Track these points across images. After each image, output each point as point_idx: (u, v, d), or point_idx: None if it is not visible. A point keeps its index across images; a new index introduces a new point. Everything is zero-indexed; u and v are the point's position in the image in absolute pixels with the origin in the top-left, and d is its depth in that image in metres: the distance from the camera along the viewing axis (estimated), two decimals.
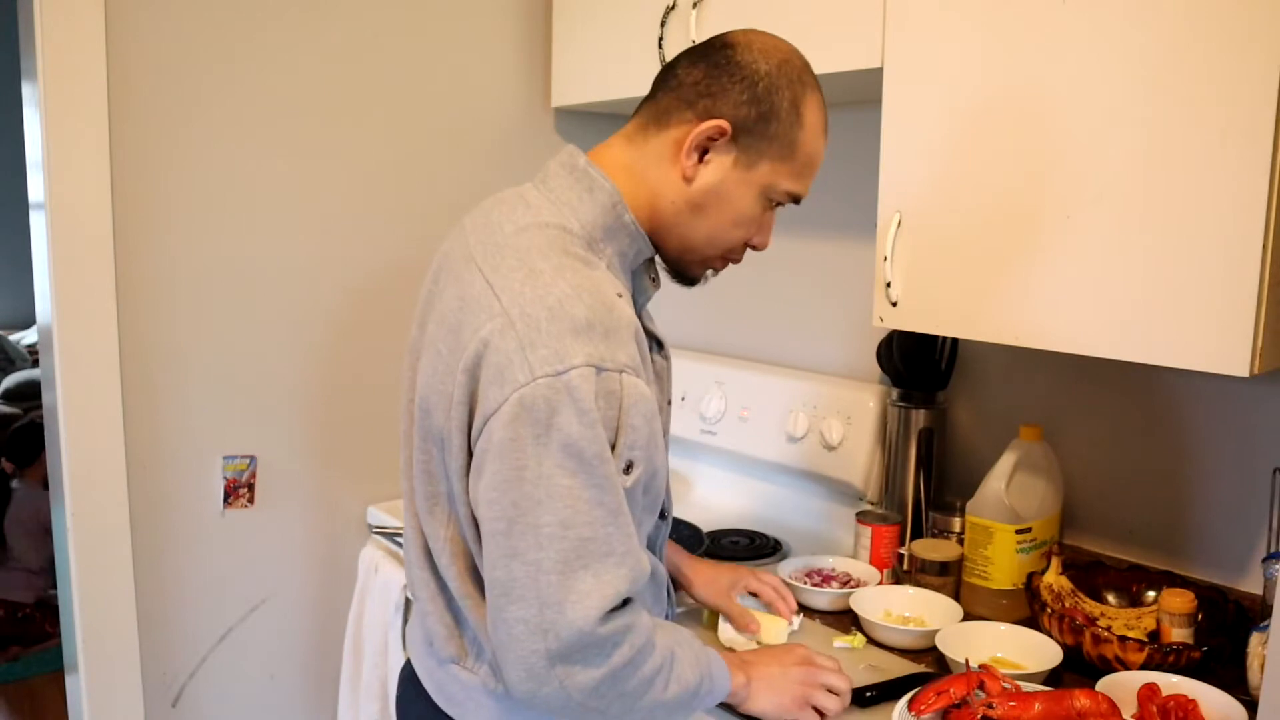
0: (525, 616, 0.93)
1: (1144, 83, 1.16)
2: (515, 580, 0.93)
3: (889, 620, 1.46)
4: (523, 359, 0.92)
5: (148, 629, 1.77)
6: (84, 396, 1.65)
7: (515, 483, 0.92)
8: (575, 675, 0.94)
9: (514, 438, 0.92)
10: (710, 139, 1.04)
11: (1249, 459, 1.43)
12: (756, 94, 1.03)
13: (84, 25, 1.58)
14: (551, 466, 0.91)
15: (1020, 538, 1.52)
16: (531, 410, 0.91)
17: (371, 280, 1.95)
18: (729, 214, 1.08)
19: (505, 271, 0.98)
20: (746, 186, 1.07)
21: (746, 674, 1.15)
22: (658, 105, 1.07)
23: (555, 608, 0.92)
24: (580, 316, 0.94)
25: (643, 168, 1.07)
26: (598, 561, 0.93)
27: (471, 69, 2.04)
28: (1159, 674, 1.20)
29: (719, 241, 1.10)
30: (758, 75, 1.04)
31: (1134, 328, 1.20)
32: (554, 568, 0.92)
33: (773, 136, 1.05)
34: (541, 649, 0.93)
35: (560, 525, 0.92)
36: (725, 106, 1.03)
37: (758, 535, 1.87)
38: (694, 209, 1.07)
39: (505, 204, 1.09)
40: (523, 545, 0.92)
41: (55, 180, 1.59)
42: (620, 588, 0.94)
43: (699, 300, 2.21)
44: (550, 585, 0.92)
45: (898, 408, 1.74)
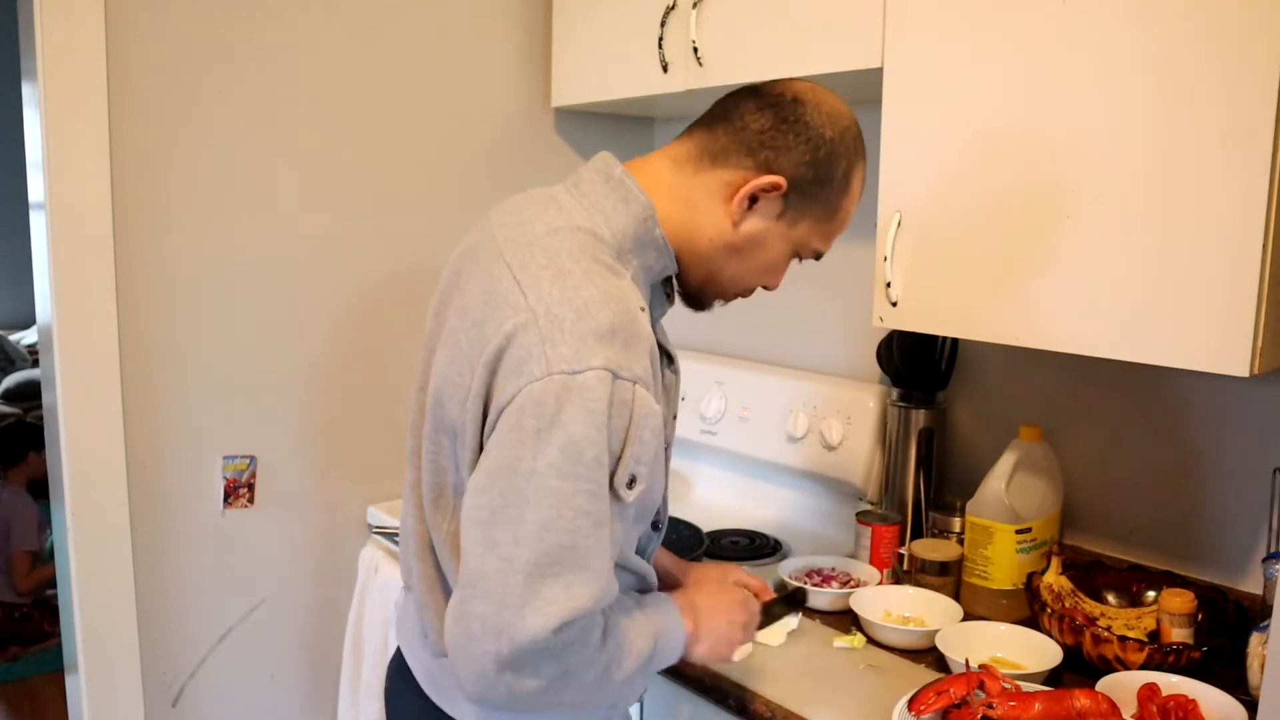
0: (484, 614, 0.91)
1: (1144, 83, 1.16)
2: (485, 573, 0.91)
3: (889, 620, 1.46)
4: (541, 354, 0.92)
5: (148, 629, 1.76)
6: (84, 396, 1.65)
7: (507, 474, 0.91)
8: (525, 682, 0.92)
9: (516, 427, 0.91)
10: (764, 190, 1.05)
11: (1249, 459, 1.43)
12: (818, 158, 1.05)
13: (84, 25, 1.58)
14: (546, 464, 0.90)
15: (1020, 538, 1.52)
16: (540, 404, 0.90)
17: (372, 280, 1.95)
18: (760, 261, 1.10)
19: (534, 270, 0.98)
20: (784, 240, 1.09)
21: (694, 620, 1.11)
22: (716, 141, 1.07)
23: (515, 610, 0.90)
24: (605, 322, 0.93)
25: (688, 195, 1.07)
26: (570, 572, 0.91)
27: (471, 69, 2.04)
28: (1159, 674, 1.20)
29: (741, 282, 1.13)
30: (822, 140, 1.05)
31: (1134, 328, 1.20)
32: (524, 569, 0.90)
33: (821, 200, 1.07)
34: (493, 651, 0.90)
35: (542, 526, 0.90)
36: (786, 163, 1.05)
37: (758, 535, 1.87)
38: (731, 250, 1.08)
39: (536, 204, 1.08)
40: (500, 538, 0.91)
41: (55, 180, 1.59)
42: (586, 603, 0.92)
43: None
44: (516, 586, 0.90)
45: (898, 408, 1.74)
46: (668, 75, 1.75)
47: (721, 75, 1.68)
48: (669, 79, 1.75)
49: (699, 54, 1.69)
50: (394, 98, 1.94)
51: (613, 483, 0.94)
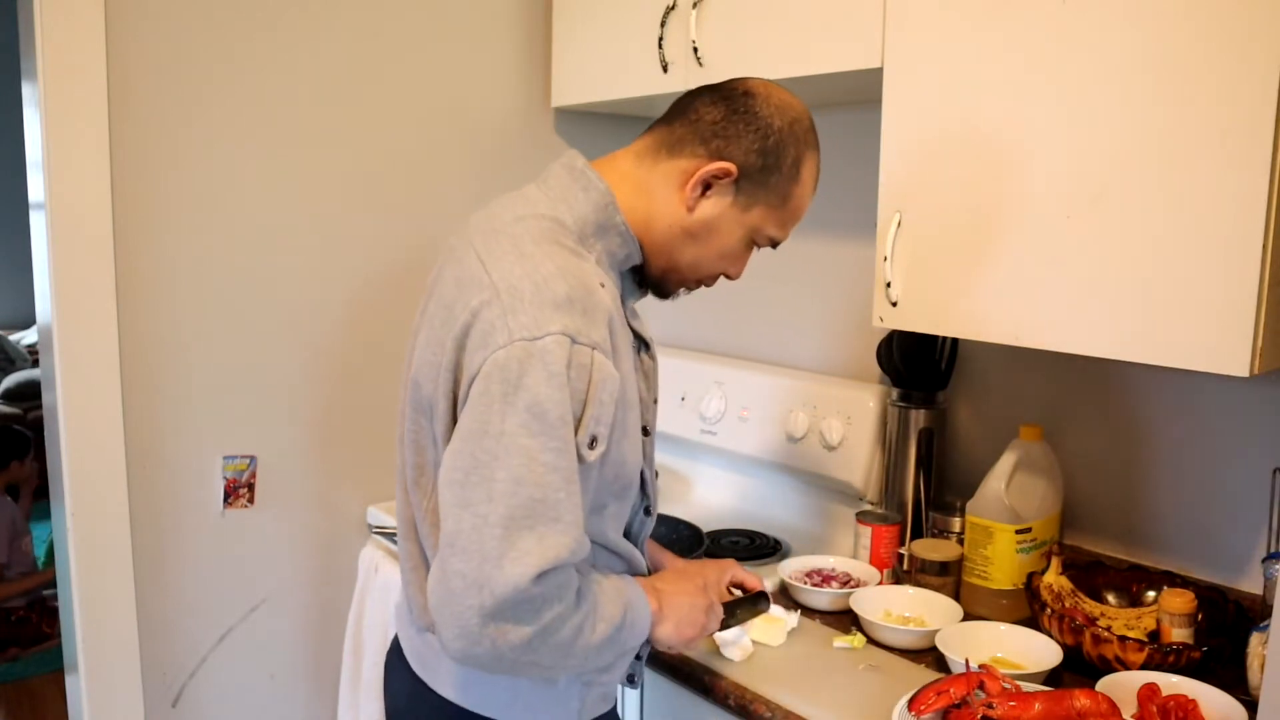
0: (464, 570, 0.95)
1: (1144, 82, 1.16)
2: (461, 532, 0.96)
3: (889, 620, 1.46)
4: (504, 324, 0.98)
5: (148, 629, 1.77)
6: (84, 396, 1.65)
7: (478, 436, 0.96)
8: (507, 633, 0.96)
9: (484, 392, 0.97)
10: (715, 177, 1.11)
11: (1249, 459, 1.43)
12: (766, 146, 1.12)
13: (84, 25, 1.58)
14: (514, 425, 0.95)
15: (1020, 538, 1.52)
16: (504, 369, 0.96)
17: (371, 280, 1.95)
18: (716, 246, 1.16)
19: (498, 254, 1.05)
20: (737, 225, 1.15)
21: (659, 600, 1.16)
22: (673, 133, 1.14)
23: (494, 562, 0.94)
24: (562, 292, 1.00)
25: (648, 186, 1.14)
26: (544, 524, 0.95)
27: (471, 69, 2.04)
28: (1159, 674, 1.20)
29: (701, 268, 1.19)
30: (770, 129, 1.12)
31: (1134, 328, 1.20)
32: (499, 522, 0.94)
33: (771, 187, 1.14)
34: (475, 604, 0.94)
35: (514, 482, 0.95)
36: (736, 151, 1.11)
37: (758, 535, 1.87)
38: (687, 236, 1.15)
39: (506, 200, 1.16)
40: (475, 497, 0.95)
41: (55, 180, 1.59)
42: (561, 554, 0.96)
43: (699, 300, 2.20)
44: (493, 539, 0.94)
45: (898, 408, 1.74)
46: (668, 75, 1.76)
47: (721, 75, 1.66)
48: (669, 79, 1.75)
49: (699, 54, 1.69)
50: (394, 98, 1.94)
51: (579, 443, 0.99)
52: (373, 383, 1.97)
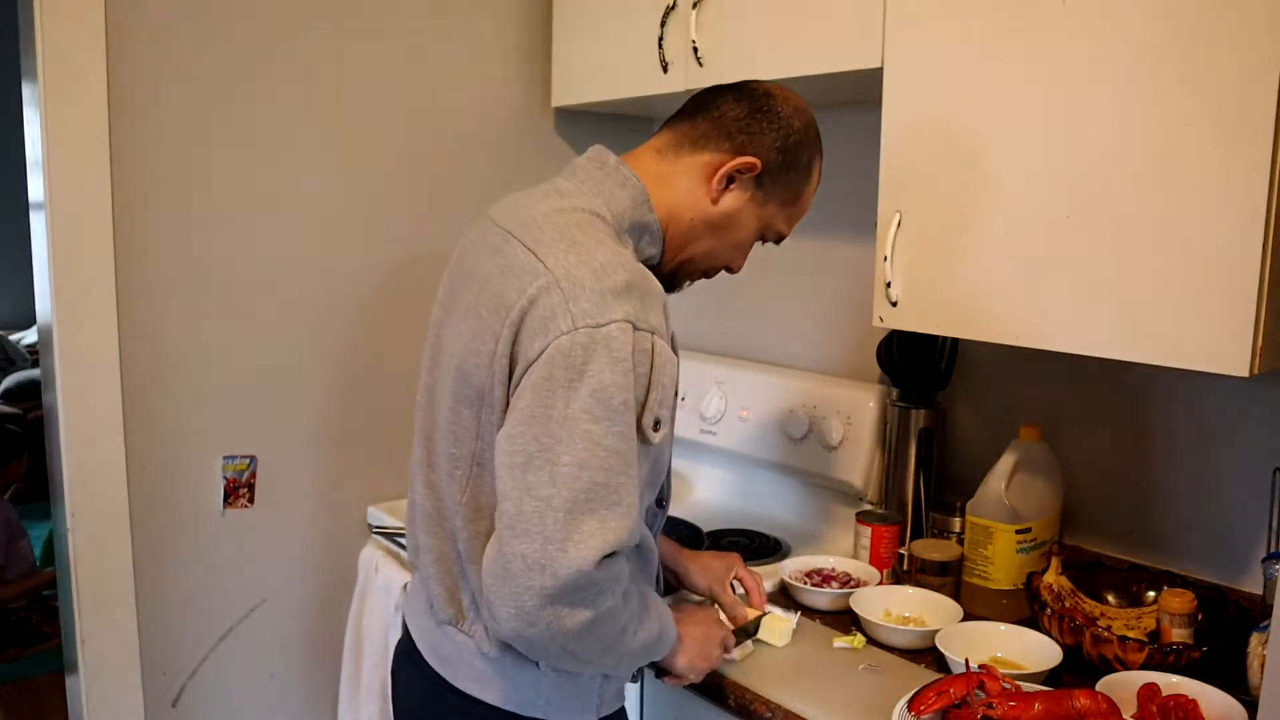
0: (526, 552, 0.96)
1: (1144, 82, 1.16)
2: (523, 514, 0.96)
3: (889, 620, 1.46)
4: (566, 311, 0.99)
5: (148, 629, 1.76)
6: (84, 396, 1.65)
7: (541, 420, 0.98)
8: (564, 618, 0.97)
9: (548, 377, 0.98)
10: (740, 171, 1.16)
11: (1249, 459, 1.43)
12: (787, 145, 1.17)
13: (84, 25, 1.58)
14: (578, 410, 0.97)
15: (1020, 538, 1.52)
16: (569, 355, 0.98)
17: (372, 280, 1.95)
18: (732, 238, 1.21)
19: (547, 243, 1.06)
20: (753, 219, 1.20)
21: (679, 630, 1.20)
22: (695, 128, 1.17)
23: (558, 545, 0.95)
24: (621, 279, 1.02)
25: (671, 179, 1.17)
26: (605, 508, 0.97)
27: (472, 69, 2.04)
28: (1159, 674, 1.20)
29: (714, 259, 1.23)
30: (791, 129, 1.18)
31: (1134, 328, 1.20)
32: (563, 506, 0.96)
33: (787, 184, 1.19)
34: (536, 586, 0.95)
35: (577, 466, 0.96)
36: (760, 147, 1.16)
37: (758, 535, 1.87)
38: (708, 227, 1.18)
39: (535, 194, 1.17)
40: (537, 481, 0.96)
41: (55, 180, 1.59)
42: (621, 536, 0.98)
43: (699, 300, 2.21)
44: (557, 523, 0.95)
45: (898, 408, 1.74)
46: (668, 75, 1.75)
47: (721, 75, 1.68)
48: (669, 79, 1.75)
49: (699, 54, 1.69)
50: (394, 98, 1.94)
51: (640, 426, 1.01)
52: (373, 383, 1.97)
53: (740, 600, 1.42)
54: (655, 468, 1.11)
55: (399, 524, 1.90)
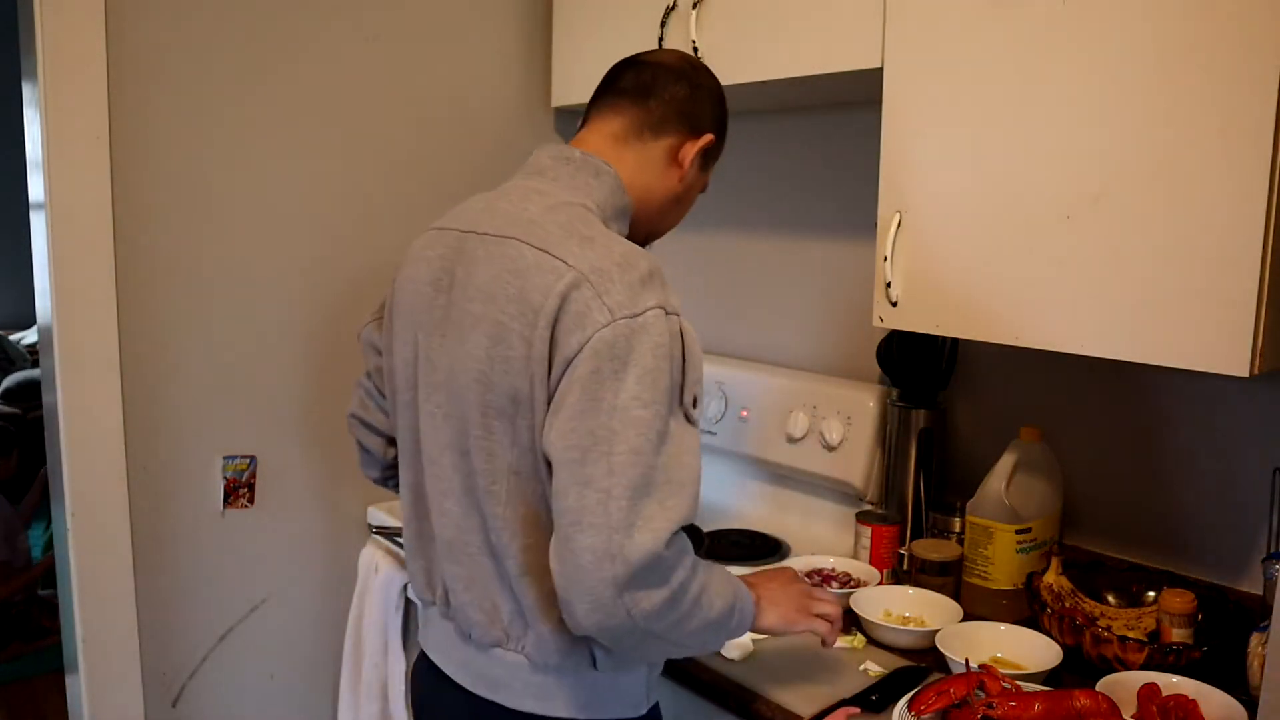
0: (593, 545, 0.96)
1: (1144, 82, 1.16)
2: (586, 508, 0.97)
3: (889, 620, 1.46)
4: (600, 304, 1.00)
5: (148, 629, 1.76)
6: (84, 396, 1.65)
7: (592, 414, 0.98)
8: (640, 601, 0.97)
9: (594, 371, 0.99)
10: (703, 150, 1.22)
11: (1249, 459, 1.43)
12: (721, 112, 1.25)
13: (84, 25, 1.58)
14: (628, 398, 0.98)
15: (1020, 538, 1.52)
16: (612, 347, 0.99)
17: (371, 280, 1.94)
18: (688, 204, 1.28)
19: (556, 241, 1.06)
20: (698, 182, 1.27)
21: (755, 592, 1.19)
22: (651, 114, 1.20)
23: (624, 532, 0.96)
24: (644, 269, 1.04)
25: (640, 166, 1.20)
26: (661, 489, 0.99)
27: (472, 69, 2.04)
28: (1159, 674, 1.20)
29: (672, 225, 1.30)
30: (718, 95, 1.25)
31: (1134, 328, 1.20)
32: (624, 494, 0.97)
33: (722, 143, 1.27)
34: (609, 576, 0.96)
35: (632, 453, 0.97)
36: (708, 122, 1.22)
37: (758, 535, 1.87)
38: (675, 202, 1.25)
39: (509, 196, 1.15)
40: (595, 473, 0.97)
41: (55, 180, 1.59)
42: (683, 512, 1.00)
43: (699, 300, 2.21)
44: (620, 511, 0.96)
45: (898, 408, 1.74)
46: None
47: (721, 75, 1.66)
48: None
49: (699, 54, 1.69)
50: (395, 98, 1.94)
51: (683, 405, 1.04)
52: None
53: None
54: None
55: (399, 524, 1.90)
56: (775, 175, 2.03)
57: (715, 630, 1.09)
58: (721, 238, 2.14)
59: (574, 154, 1.16)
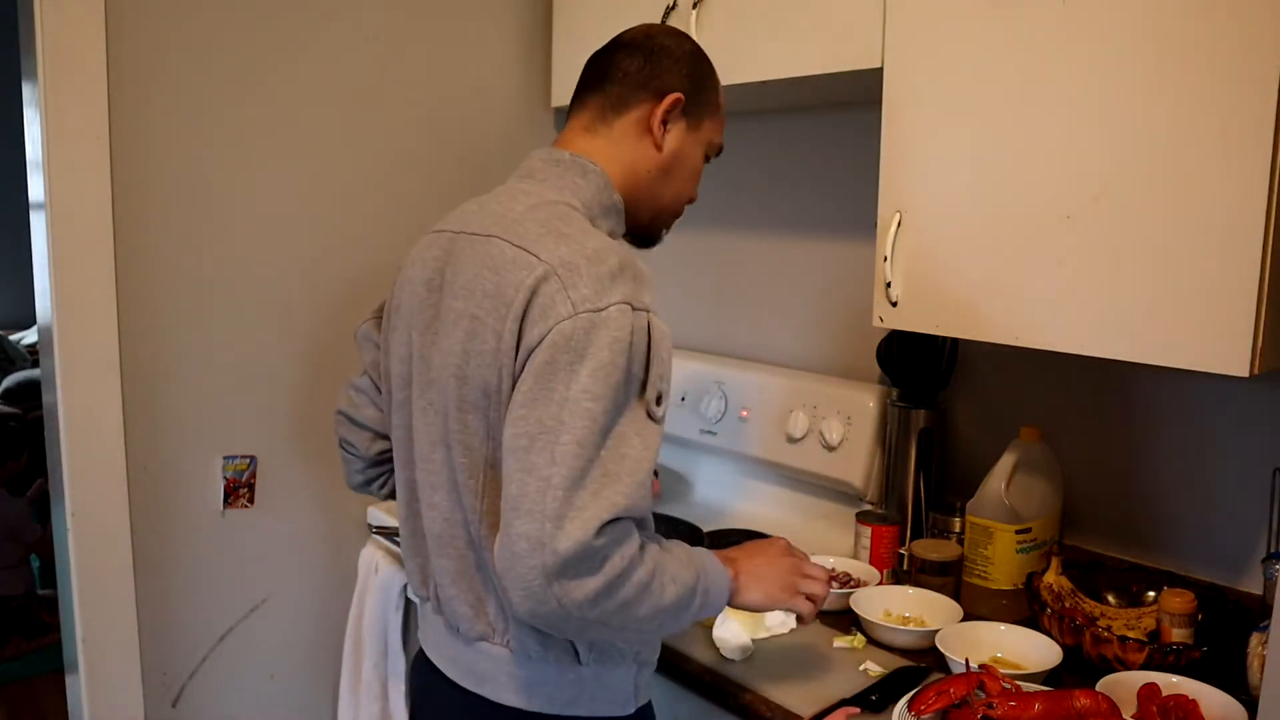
0: (528, 532, 0.97)
1: (1144, 82, 1.16)
2: (526, 494, 0.98)
3: (889, 620, 1.46)
4: (565, 297, 1.01)
5: (148, 629, 1.76)
6: (84, 396, 1.65)
7: (544, 403, 0.99)
8: (570, 591, 0.97)
9: (549, 361, 1.00)
10: (669, 110, 1.20)
11: (1249, 459, 1.43)
12: (690, 69, 1.22)
13: (84, 25, 1.59)
14: (578, 390, 0.99)
15: (1020, 538, 1.52)
16: (570, 339, 1.00)
17: (371, 280, 1.94)
18: (688, 170, 1.25)
19: (533, 238, 1.07)
20: (696, 145, 1.25)
21: (735, 568, 1.18)
22: (608, 96, 1.21)
23: (555, 522, 0.96)
24: (614, 263, 1.04)
25: (613, 149, 1.20)
26: (596, 482, 0.98)
27: (472, 69, 2.04)
28: (1159, 674, 1.20)
29: (680, 197, 1.27)
30: (686, 54, 1.23)
31: (1134, 328, 1.20)
32: (562, 483, 0.97)
33: (706, 100, 1.24)
34: (538, 565, 0.96)
35: (576, 444, 0.98)
36: (674, 82, 1.20)
37: (758, 535, 1.86)
38: (664, 172, 1.23)
39: (499, 199, 1.17)
40: (539, 461, 0.98)
41: (55, 180, 1.59)
42: (619, 503, 0.99)
43: (699, 300, 2.21)
44: (555, 501, 0.97)
45: (898, 408, 1.74)
46: None
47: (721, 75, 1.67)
48: None
49: None
50: (394, 98, 1.94)
51: (644, 401, 1.03)
52: None
53: None
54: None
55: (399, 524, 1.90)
56: (775, 175, 2.03)
57: (673, 614, 1.08)
58: (721, 238, 2.14)
59: (563, 155, 1.18)
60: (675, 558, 1.08)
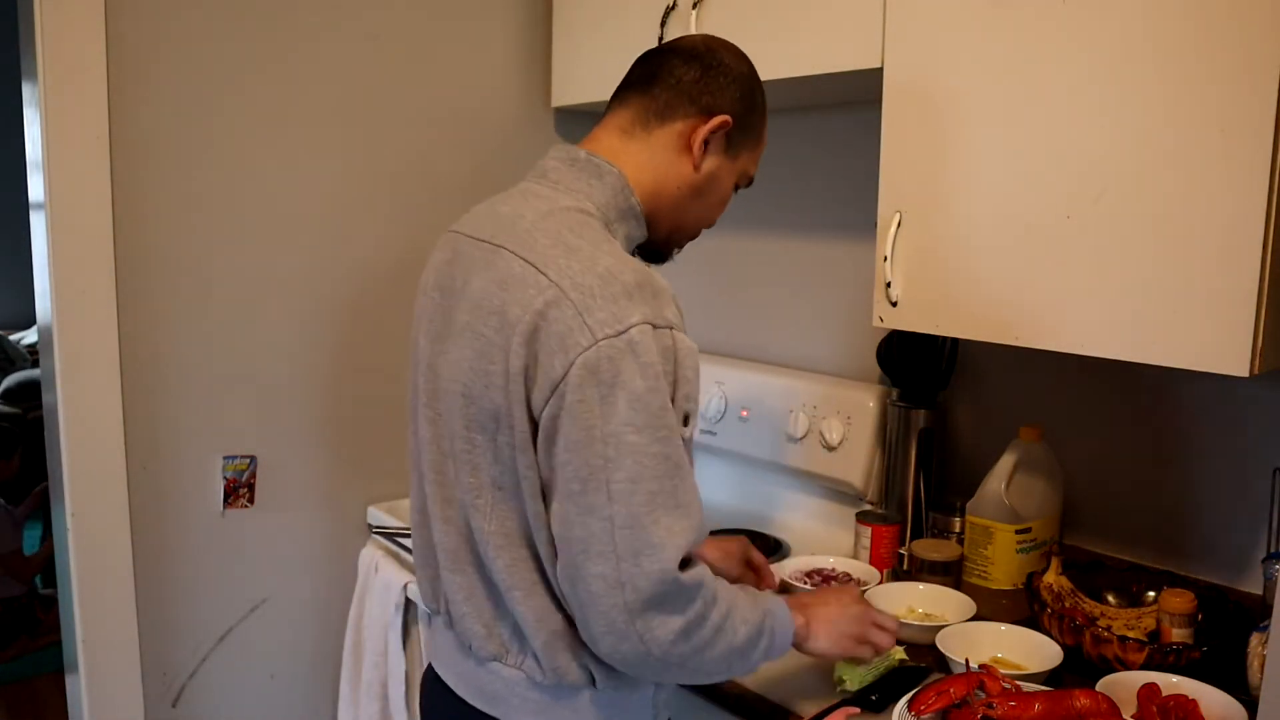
0: (603, 573, 0.96)
1: (1144, 81, 1.16)
2: (592, 536, 0.96)
3: (911, 617, 1.45)
4: (582, 324, 0.97)
5: (148, 629, 1.76)
6: (84, 396, 1.65)
7: (586, 443, 0.96)
8: (654, 628, 0.97)
9: (582, 399, 0.96)
10: (714, 131, 1.14)
11: (1249, 459, 1.43)
12: (745, 92, 1.16)
13: (84, 25, 1.58)
14: (619, 424, 0.96)
15: (1020, 538, 1.52)
16: (596, 371, 0.96)
17: (371, 280, 1.95)
18: (716, 196, 1.20)
19: (542, 250, 1.02)
20: (730, 173, 1.19)
21: (805, 615, 1.17)
22: (656, 101, 1.15)
23: (631, 560, 0.95)
24: (630, 280, 1.00)
25: (647, 157, 1.15)
26: (667, 514, 0.97)
27: (472, 69, 2.04)
28: (1159, 674, 1.20)
29: (703, 221, 1.22)
30: (743, 77, 1.17)
31: (1134, 328, 1.20)
32: (626, 522, 0.96)
33: (752, 128, 1.18)
34: (621, 603, 0.96)
35: (630, 481, 0.96)
36: (725, 103, 1.14)
37: (758, 535, 1.86)
38: (695, 193, 1.17)
39: (510, 201, 1.14)
40: (597, 502, 0.96)
41: (55, 180, 1.59)
42: (690, 536, 0.98)
43: (699, 300, 2.21)
44: (625, 539, 0.96)
45: (898, 408, 1.74)
46: None
47: None
48: None
49: None
50: (394, 98, 1.94)
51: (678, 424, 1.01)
52: (374, 382, 1.97)
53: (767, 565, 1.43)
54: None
55: (399, 524, 1.90)
56: (775, 175, 2.03)
57: (741, 656, 1.06)
58: (722, 238, 2.14)
59: (579, 155, 1.14)
60: (742, 599, 1.07)
